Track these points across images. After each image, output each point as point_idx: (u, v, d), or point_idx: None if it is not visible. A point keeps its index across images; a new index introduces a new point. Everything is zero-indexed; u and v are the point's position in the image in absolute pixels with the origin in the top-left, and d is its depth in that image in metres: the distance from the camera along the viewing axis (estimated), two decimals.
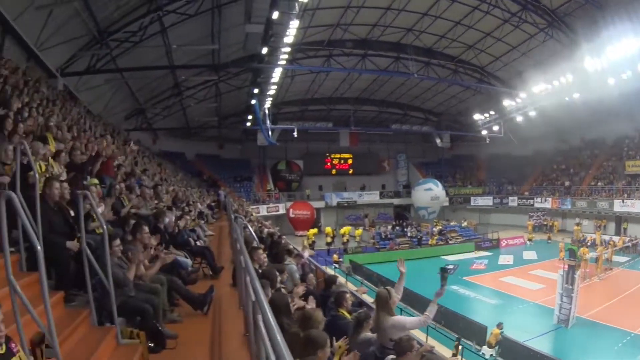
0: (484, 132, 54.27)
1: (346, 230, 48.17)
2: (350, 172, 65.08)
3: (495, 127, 53.23)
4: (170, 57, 33.43)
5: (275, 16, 25.90)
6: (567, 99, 40.92)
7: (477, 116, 53.16)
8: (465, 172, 65.29)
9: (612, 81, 36.24)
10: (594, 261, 32.56)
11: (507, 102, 47.08)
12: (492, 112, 51.56)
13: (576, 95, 40.20)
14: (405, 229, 50.52)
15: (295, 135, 51.75)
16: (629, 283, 30.45)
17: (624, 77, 35.65)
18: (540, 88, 41.42)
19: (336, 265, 37.01)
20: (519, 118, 48.66)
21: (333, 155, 64.19)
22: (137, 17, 28.34)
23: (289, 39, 30.76)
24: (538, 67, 39.89)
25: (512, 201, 56.60)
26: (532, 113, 46.40)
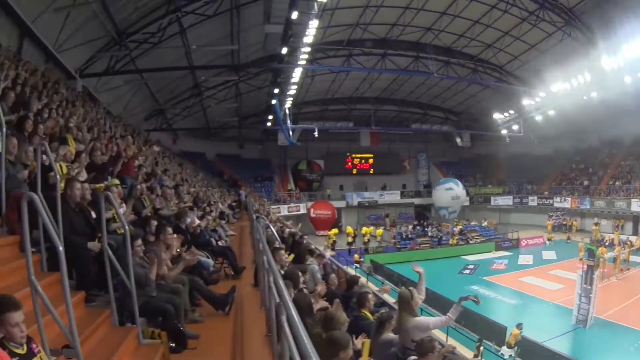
0: (504, 132, 53.82)
1: (367, 230, 48.00)
2: (371, 172, 64.95)
3: (515, 127, 52.76)
4: (190, 58, 33.57)
5: (294, 16, 25.83)
6: (585, 98, 40.58)
7: (496, 115, 52.81)
8: (485, 172, 64.82)
9: (628, 79, 35.86)
10: (612, 261, 32.24)
11: (526, 101, 46.70)
12: (511, 111, 51.17)
13: (594, 94, 39.82)
14: (426, 229, 50.26)
15: (316, 135, 51.97)
16: None
17: None
18: (558, 87, 41.11)
19: (357, 265, 36.92)
20: (538, 117, 48.19)
21: (354, 155, 64.08)
22: (155, 18, 28.60)
23: (308, 39, 30.81)
24: (556, 65, 39.40)
25: (532, 201, 56.13)
26: (551, 112, 45.96)
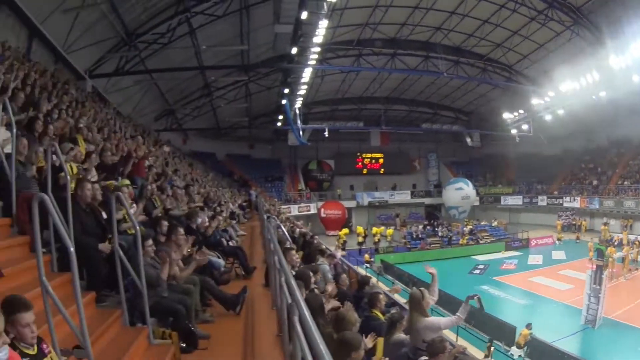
0: (514, 131, 53.59)
1: (378, 230, 47.96)
2: (381, 172, 64.77)
3: (525, 126, 52.56)
4: (200, 58, 33.62)
5: (304, 16, 25.81)
6: (593, 97, 40.43)
7: (506, 115, 52.66)
8: (495, 171, 64.52)
9: (636, 79, 35.65)
10: (620, 261, 32.10)
11: (535, 101, 46.50)
12: (521, 111, 50.94)
13: (602, 93, 39.67)
14: (437, 229, 50.16)
15: (326, 135, 51.75)
16: None
17: None
18: (567, 86, 40.88)
19: (367, 265, 36.88)
20: (548, 117, 48.06)
21: (364, 155, 63.97)
22: (165, 18, 28.72)
23: (318, 39, 30.85)
24: (565, 65, 39.24)
25: (542, 200, 55.96)
26: (560, 112, 45.82)
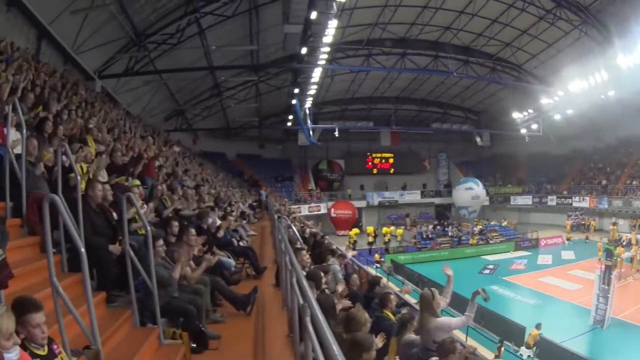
0: (523, 131, 53.50)
1: (388, 230, 47.84)
2: (391, 172, 64.71)
3: (534, 126, 52.52)
4: (209, 58, 33.74)
5: (313, 16, 25.74)
6: (602, 96, 40.29)
7: (515, 114, 52.54)
8: (505, 171, 64.13)
9: None
10: (629, 261, 31.95)
11: (544, 100, 46.32)
12: (530, 110, 50.82)
13: (611, 92, 39.56)
14: (447, 229, 50.08)
15: (337, 135, 51.68)
16: None
17: None
18: (576, 85, 40.67)
19: (378, 265, 36.82)
20: (557, 116, 47.91)
21: (374, 155, 63.99)
22: (174, 19, 28.81)
23: (327, 39, 30.85)
24: (573, 64, 39.14)
25: (551, 200, 55.64)
26: (570, 111, 45.71)
